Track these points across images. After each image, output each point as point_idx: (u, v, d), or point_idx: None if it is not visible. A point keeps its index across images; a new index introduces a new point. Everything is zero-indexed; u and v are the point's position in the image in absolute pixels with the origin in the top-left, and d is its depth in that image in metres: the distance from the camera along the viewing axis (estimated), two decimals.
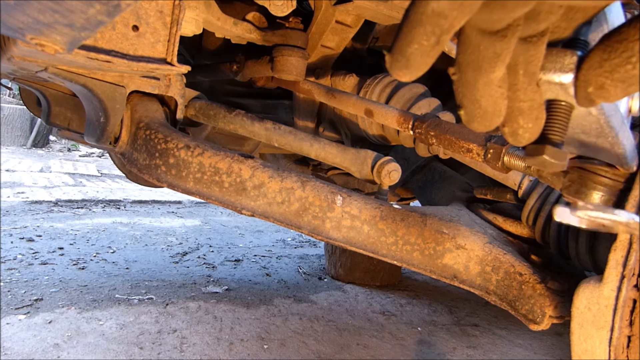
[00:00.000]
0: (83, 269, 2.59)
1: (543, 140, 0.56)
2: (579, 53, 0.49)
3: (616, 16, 0.55)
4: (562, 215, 0.50)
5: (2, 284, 2.23)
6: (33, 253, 2.78)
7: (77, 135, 1.56)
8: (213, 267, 2.88)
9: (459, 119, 1.71)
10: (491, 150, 0.86)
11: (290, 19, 1.24)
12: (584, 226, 0.56)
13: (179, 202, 5.01)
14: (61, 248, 2.95)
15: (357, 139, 1.55)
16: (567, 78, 0.49)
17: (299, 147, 1.18)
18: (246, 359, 1.77)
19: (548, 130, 0.55)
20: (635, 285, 0.76)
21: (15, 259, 2.63)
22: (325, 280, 2.85)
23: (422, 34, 0.38)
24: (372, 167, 1.09)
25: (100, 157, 8.60)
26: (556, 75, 0.49)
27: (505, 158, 0.84)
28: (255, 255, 3.25)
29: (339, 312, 2.34)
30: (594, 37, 0.52)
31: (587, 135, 0.63)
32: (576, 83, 0.47)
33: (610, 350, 0.77)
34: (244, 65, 1.37)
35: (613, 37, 0.43)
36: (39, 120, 6.18)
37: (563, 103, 0.54)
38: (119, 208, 4.46)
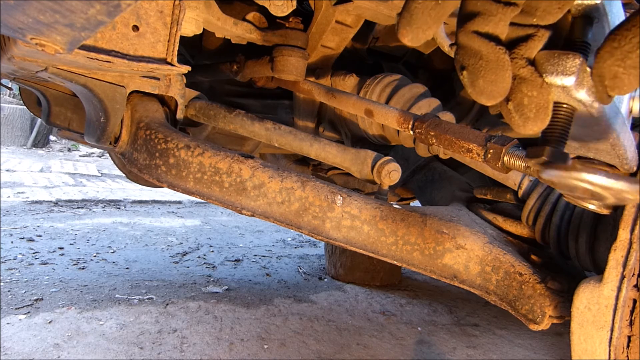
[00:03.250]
0: (83, 268, 2.59)
1: (545, 142, 0.56)
2: (582, 56, 0.49)
3: (617, 16, 0.55)
4: (551, 174, 0.51)
5: (2, 284, 2.23)
6: (33, 253, 2.78)
7: (77, 135, 1.56)
8: (213, 267, 2.88)
9: (459, 119, 1.71)
10: (491, 150, 0.86)
11: (290, 19, 1.23)
12: (569, 191, 0.55)
13: (179, 202, 5.01)
14: (61, 248, 2.95)
15: (357, 139, 1.55)
16: (570, 81, 0.49)
17: (299, 147, 1.18)
18: (246, 359, 1.77)
19: (550, 132, 0.55)
20: (635, 285, 0.76)
21: (15, 259, 2.63)
22: (325, 280, 2.85)
23: None
24: (372, 167, 1.09)
25: (100, 157, 8.60)
26: (558, 78, 0.49)
27: (505, 158, 0.84)
28: (256, 255, 3.25)
29: (339, 312, 2.34)
30: (595, 37, 0.52)
31: (588, 137, 0.63)
32: (593, 79, 0.47)
33: (610, 350, 0.77)
34: (244, 65, 1.37)
35: (622, 26, 0.44)
36: (39, 120, 6.18)
37: (565, 105, 0.54)
38: (119, 208, 4.46)
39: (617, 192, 0.46)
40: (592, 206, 0.76)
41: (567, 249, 1.03)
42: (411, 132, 1.04)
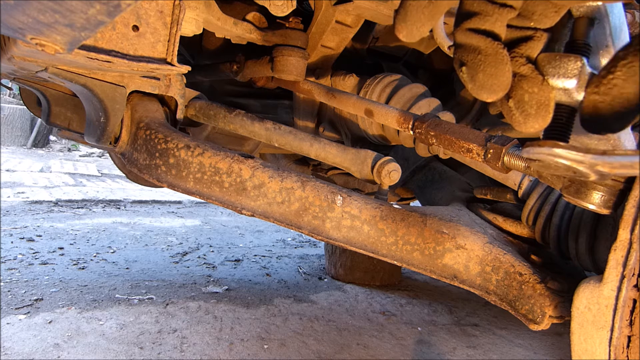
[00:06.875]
0: (83, 269, 2.59)
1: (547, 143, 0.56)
2: (585, 59, 0.49)
3: (618, 17, 0.55)
4: (530, 152, 0.52)
5: (2, 284, 2.23)
6: (33, 253, 2.78)
7: (77, 135, 1.56)
8: (213, 267, 2.88)
9: (459, 119, 1.71)
10: (491, 150, 0.86)
11: (290, 19, 1.23)
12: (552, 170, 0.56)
13: (179, 202, 5.01)
14: (61, 248, 2.95)
15: (357, 139, 1.55)
16: (571, 83, 0.49)
17: (299, 147, 1.18)
18: (246, 359, 1.77)
19: (552, 133, 0.56)
20: (635, 285, 0.76)
21: (15, 259, 2.63)
22: (325, 280, 2.85)
23: None
24: (372, 167, 1.09)
25: (100, 157, 8.60)
26: (560, 81, 0.49)
27: (505, 158, 0.84)
28: (256, 255, 3.25)
29: (339, 312, 2.34)
30: (596, 38, 0.52)
31: (589, 137, 0.63)
32: (582, 112, 0.48)
33: (610, 350, 0.77)
34: (244, 65, 1.37)
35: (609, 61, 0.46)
36: (39, 120, 6.18)
37: (566, 106, 0.54)
38: (119, 208, 4.46)
39: (590, 165, 0.47)
40: (592, 206, 0.76)
41: (567, 249, 1.02)
42: (411, 132, 1.04)
